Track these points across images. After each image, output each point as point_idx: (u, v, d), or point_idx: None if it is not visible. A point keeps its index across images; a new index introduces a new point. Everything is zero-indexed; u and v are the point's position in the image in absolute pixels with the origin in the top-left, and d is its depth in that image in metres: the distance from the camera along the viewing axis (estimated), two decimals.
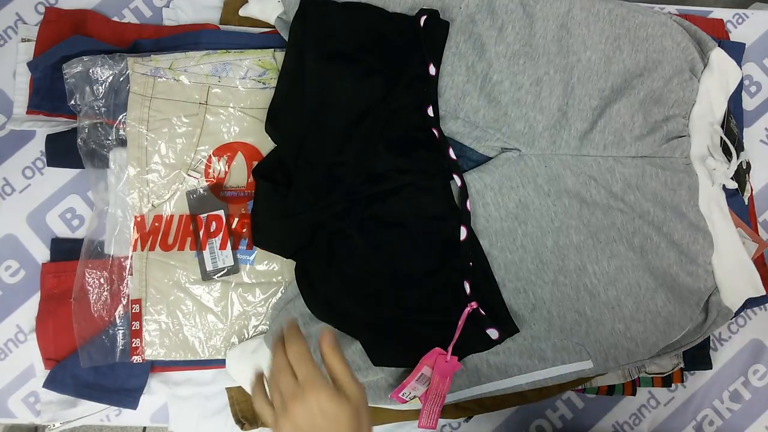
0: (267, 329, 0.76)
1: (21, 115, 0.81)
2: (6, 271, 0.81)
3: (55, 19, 0.81)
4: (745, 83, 0.89)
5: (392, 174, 0.73)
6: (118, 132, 0.77)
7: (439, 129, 0.74)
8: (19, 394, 0.80)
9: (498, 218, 0.74)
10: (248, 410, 0.78)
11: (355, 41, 0.75)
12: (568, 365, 0.73)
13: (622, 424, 0.84)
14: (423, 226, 0.73)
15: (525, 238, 0.74)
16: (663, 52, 0.77)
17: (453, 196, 0.74)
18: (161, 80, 0.77)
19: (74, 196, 0.82)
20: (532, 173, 0.75)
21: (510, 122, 0.76)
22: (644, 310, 0.73)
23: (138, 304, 0.76)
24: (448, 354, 0.69)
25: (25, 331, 0.80)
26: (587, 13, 0.77)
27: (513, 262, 0.74)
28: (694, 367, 0.83)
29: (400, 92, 0.74)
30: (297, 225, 0.73)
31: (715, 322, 0.74)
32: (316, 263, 0.72)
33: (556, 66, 0.76)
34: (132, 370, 0.77)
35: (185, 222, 0.77)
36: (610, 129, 0.76)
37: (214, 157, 0.78)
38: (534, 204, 0.75)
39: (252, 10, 0.81)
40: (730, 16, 0.90)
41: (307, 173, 0.73)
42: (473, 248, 0.73)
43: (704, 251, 0.74)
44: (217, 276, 0.76)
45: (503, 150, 0.77)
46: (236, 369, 0.75)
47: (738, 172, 0.79)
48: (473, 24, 0.76)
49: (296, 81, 0.75)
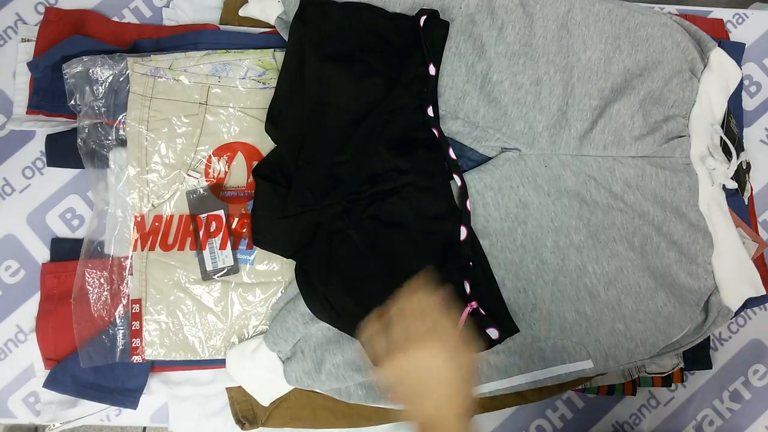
0: (267, 329, 0.76)
1: (21, 115, 0.81)
2: (6, 271, 0.81)
3: (55, 19, 0.81)
4: (745, 83, 0.89)
5: (392, 174, 0.73)
6: (118, 132, 0.77)
7: (439, 129, 0.74)
8: (19, 394, 0.80)
9: (498, 218, 0.74)
10: (248, 410, 0.78)
11: (355, 41, 0.75)
12: (568, 365, 0.73)
13: (622, 424, 0.84)
14: (423, 226, 0.73)
15: (525, 238, 0.74)
16: (663, 52, 0.77)
17: (453, 196, 0.74)
18: (161, 80, 0.77)
19: (74, 196, 0.82)
20: (532, 173, 0.75)
21: (510, 122, 0.76)
22: (644, 310, 0.73)
23: (138, 304, 0.76)
24: None
25: (25, 331, 0.80)
26: (587, 13, 0.77)
27: (513, 261, 0.74)
28: (694, 367, 0.83)
29: (400, 92, 0.74)
30: (297, 225, 0.73)
31: (715, 322, 0.74)
32: (316, 263, 0.72)
33: (556, 66, 0.76)
34: (132, 370, 0.77)
35: (185, 222, 0.77)
36: (610, 129, 0.76)
37: (214, 157, 0.78)
38: (534, 204, 0.75)
39: (252, 10, 0.81)
40: (730, 16, 0.90)
41: (307, 173, 0.73)
42: (473, 248, 0.73)
43: (704, 251, 0.74)
44: (217, 276, 0.76)
45: (503, 150, 0.77)
46: (236, 369, 0.75)
47: (738, 172, 0.79)
48: (473, 24, 0.76)
49: (296, 81, 0.75)
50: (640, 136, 0.76)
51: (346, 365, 0.73)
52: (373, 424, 0.79)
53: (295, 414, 0.78)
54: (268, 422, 0.78)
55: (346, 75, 0.74)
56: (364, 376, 0.72)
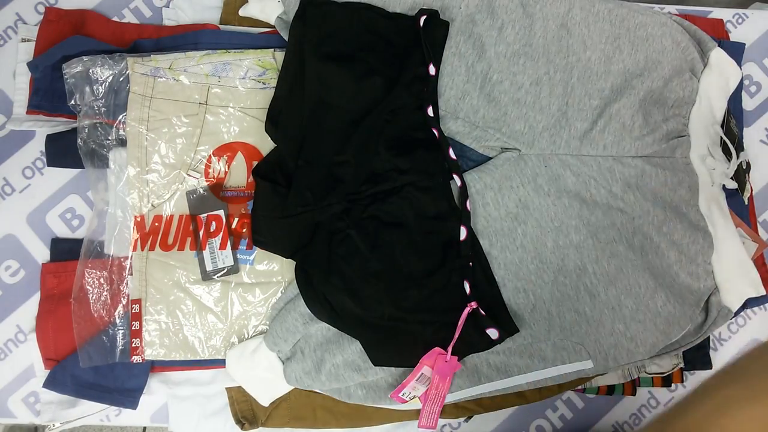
0: (267, 329, 0.76)
1: (21, 115, 0.81)
2: (6, 271, 0.81)
3: (55, 19, 0.81)
4: (745, 83, 0.89)
5: (392, 174, 0.73)
6: (118, 132, 0.77)
7: (439, 129, 0.74)
8: (19, 394, 0.80)
9: (498, 218, 0.74)
10: (248, 410, 0.78)
11: (355, 41, 0.75)
12: (568, 365, 0.73)
13: (622, 424, 0.84)
14: (423, 226, 0.73)
15: (525, 238, 0.74)
16: (663, 52, 0.77)
17: (453, 196, 0.74)
18: (161, 80, 0.77)
19: (74, 196, 0.82)
20: (532, 173, 0.75)
21: (510, 122, 0.76)
22: (644, 310, 0.73)
23: (138, 304, 0.76)
24: (448, 354, 0.69)
25: (25, 331, 0.80)
26: (587, 13, 0.77)
27: (513, 262, 0.74)
28: (694, 367, 0.83)
29: (400, 92, 0.74)
30: (297, 225, 0.73)
31: (715, 322, 0.74)
32: (316, 263, 0.72)
33: (556, 66, 0.76)
34: (132, 370, 0.77)
35: (185, 222, 0.77)
36: (610, 129, 0.76)
37: (214, 157, 0.78)
38: (534, 204, 0.75)
39: (252, 10, 0.81)
40: (730, 16, 0.90)
41: (307, 173, 0.73)
42: (473, 248, 0.73)
43: (704, 251, 0.74)
44: (217, 276, 0.76)
45: (503, 150, 0.77)
46: (236, 369, 0.75)
47: (738, 172, 0.79)
48: (473, 24, 0.76)
49: (296, 81, 0.75)
50: (640, 136, 0.76)
51: (346, 365, 0.73)
52: (373, 424, 0.79)
53: (295, 414, 0.78)
54: (268, 422, 0.78)
55: (346, 75, 0.74)
56: (364, 376, 0.72)
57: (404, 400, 0.72)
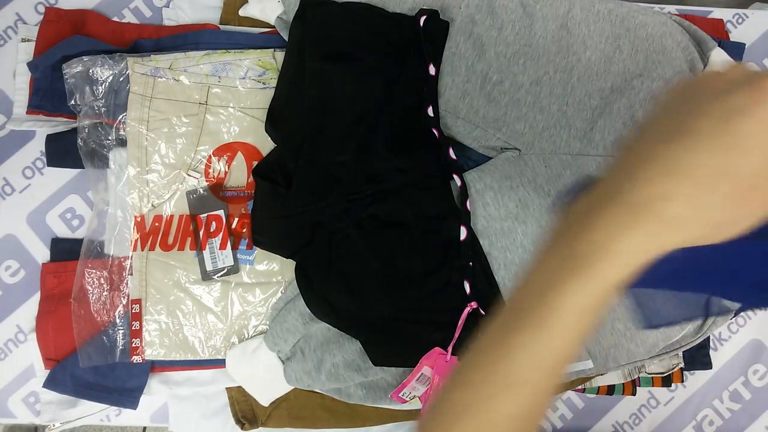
0: (267, 329, 0.76)
1: (21, 115, 0.81)
2: (6, 271, 0.81)
3: (55, 19, 0.81)
4: None
5: (392, 174, 0.73)
6: (118, 132, 0.77)
7: (439, 129, 0.74)
8: (19, 394, 0.80)
9: (498, 218, 0.74)
10: (248, 410, 0.78)
11: (355, 41, 0.75)
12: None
13: (622, 424, 0.84)
14: (423, 226, 0.73)
15: (525, 238, 0.74)
16: (663, 52, 0.77)
17: (453, 196, 0.74)
18: (161, 80, 0.77)
19: (74, 196, 0.82)
20: (532, 173, 0.75)
21: (510, 122, 0.76)
22: None
23: (138, 304, 0.76)
24: (448, 354, 0.69)
25: (25, 331, 0.80)
26: (587, 13, 0.77)
27: (513, 262, 0.74)
28: (694, 367, 0.83)
29: (400, 92, 0.74)
30: (297, 225, 0.73)
31: (715, 322, 0.74)
32: (316, 263, 0.72)
33: (556, 66, 0.76)
34: (132, 370, 0.77)
35: (185, 222, 0.77)
36: (610, 129, 0.75)
37: (214, 157, 0.78)
38: (534, 204, 0.75)
39: (252, 10, 0.81)
40: (730, 16, 0.90)
41: (307, 173, 0.73)
42: (473, 248, 0.73)
43: None
44: (217, 276, 0.76)
45: (503, 150, 0.77)
46: (236, 369, 0.75)
47: None
48: (473, 24, 0.76)
49: (296, 81, 0.75)
50: None
51: (346, 365, 0.73)
52: (373, 424, 0.79)
53: (295, 414, 0.78)
54: (268, 422, 0.78)
55: (346, 75, 0.74)
56: (364, 376, 0.72)
57: (404, 400, 0.72)
